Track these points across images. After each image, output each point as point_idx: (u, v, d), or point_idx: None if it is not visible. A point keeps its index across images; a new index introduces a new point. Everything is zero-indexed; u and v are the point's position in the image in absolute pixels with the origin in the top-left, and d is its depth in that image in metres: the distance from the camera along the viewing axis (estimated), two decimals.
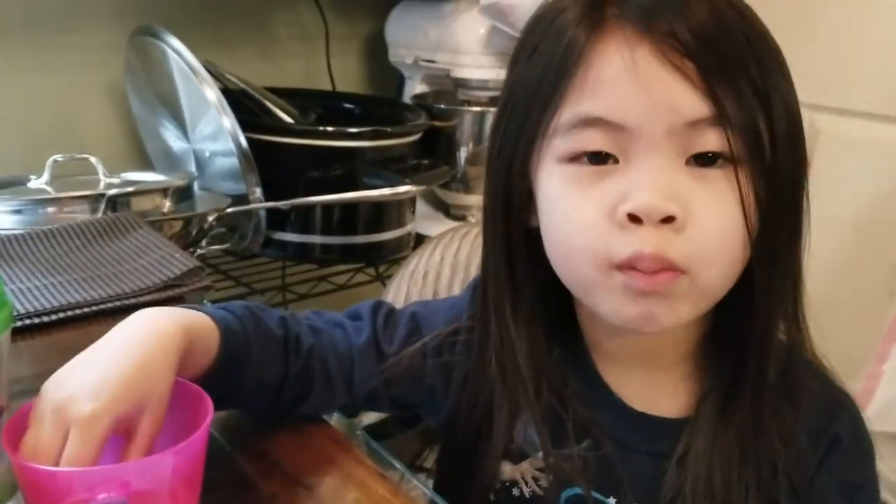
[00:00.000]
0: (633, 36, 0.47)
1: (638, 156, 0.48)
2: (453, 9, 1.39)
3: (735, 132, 0.47)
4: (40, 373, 0.64)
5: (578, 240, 0.50)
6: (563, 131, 0.50)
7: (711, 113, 0.47)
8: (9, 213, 0.95)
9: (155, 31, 1.16)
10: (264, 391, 0.57)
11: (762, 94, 0.48)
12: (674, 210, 0.47)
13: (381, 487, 0.54)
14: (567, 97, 0.49)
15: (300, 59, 1.53)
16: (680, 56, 0.46)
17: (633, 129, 0.48)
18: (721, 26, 0.47)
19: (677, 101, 0.47)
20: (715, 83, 0.46)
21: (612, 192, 0.48)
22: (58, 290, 0.77)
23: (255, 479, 0.54)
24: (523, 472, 0.59)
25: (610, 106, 0.48)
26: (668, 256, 0.47)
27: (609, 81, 0.48)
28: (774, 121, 0.48)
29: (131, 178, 1.08)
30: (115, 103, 1.33)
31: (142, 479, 0.43)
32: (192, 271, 0.82)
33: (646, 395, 0.58)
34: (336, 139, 1.19)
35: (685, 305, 0.50)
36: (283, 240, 1.22)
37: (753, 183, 0.48)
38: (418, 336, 0.62)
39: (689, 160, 0.48)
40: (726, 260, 0.49)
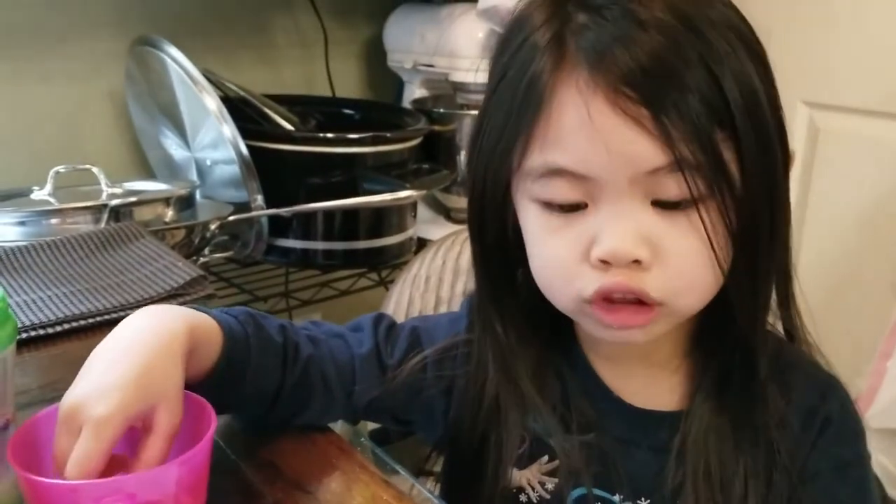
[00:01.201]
0: (586, 85, 0.48)
1: (605, 201, 0.50)
2: (450, 13, 1.40)
3: (695, 175, 0.48)
4: (45, 384, 0.65)
5: (553, 278, 0.54)
6: (534, 177, 0.52)
7: (669, 160, 0.47)
8: (12, 224, 0.96)
9: (154, 41, 1.17)
10: (261, 397, 0.57)
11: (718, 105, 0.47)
12: (640, 254, 0.49)
13: (386, 493, 0.54)
14: (534, 142, 0.51)
15: (299, 66, 1.54)
16: (633, 104, 0.47)
17: (596, 179, 0.49)
18: (674, 52, 0.47)
19: (635, 152, 0.48)
20: (670, 126, 0.46)
21: (583, 235, 0.51)
22: (62, 301, 0.78)
23: (260, 487, 0.54)
24: (530, 477, 0.60)
25: (573, 158, 0.49)
26: (642, 287, 0.50)
27: (569, 132, 0.49)
28: (742, 147, 0.49)
29: (133, 187, 1.09)
30: (116, 113, 1.33)
31: (147, 489, 0.43)
32: (195, 280, 0.82)
33: (644, 391, 0.60)
34: (336, 145, 1.20)
35: (660, 327, 0.53)
36: (285, 246, 1.22)
37: (722, 214, 0.49)
38: (419, 349, 0.63)
39: (656, 202, 0.50)
40: (699, 290, 0.52)
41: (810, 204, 1.42)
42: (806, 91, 1.40)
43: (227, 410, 0.57)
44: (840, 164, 1.38)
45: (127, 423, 0.45)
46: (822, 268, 1.43)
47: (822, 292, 1.42)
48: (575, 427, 0.58)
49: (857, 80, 1.34)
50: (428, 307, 1.03)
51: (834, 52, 1.35)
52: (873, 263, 1.36)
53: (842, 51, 1.35)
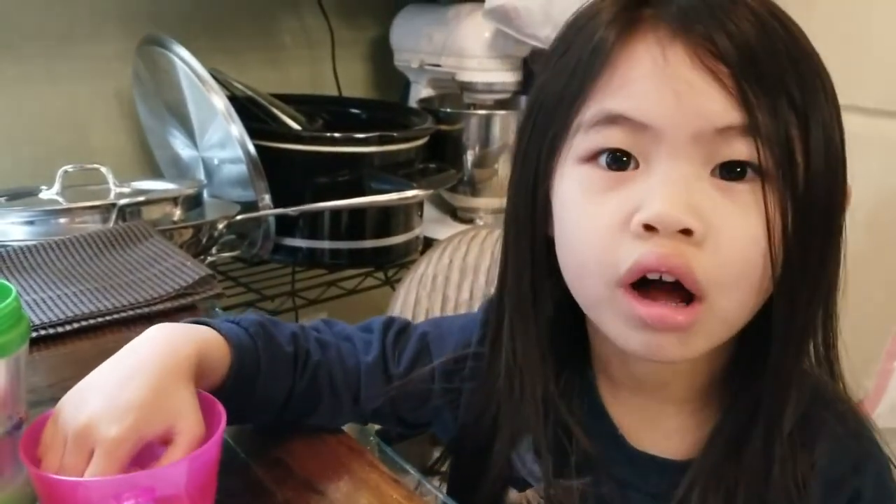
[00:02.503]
0: (666, 35, 0.44)
1: (660, 161, 0.45)
2: (457, 12, 1.40)
3: (766, 145, 0.44)
4: (55, 383, 0.66)
5: (588, 250, 0.47)
6: (586, 128, 0.47)
7: (743, 121, 0.44)
8: (21, 224, 0.96)
9: (162, 40, 1.17)
10: (269, 407, 0.57)
11: (800, 112, 0.45)
12: (691, 223, 0.43)
13: (395, 492, 0.54)
14: (593, 95, 0.46)
15: (306, 65, 1.54)
16: (714, 59, 0.43)
17: (657, 130, 0.45)
18: (763, 37, 0.44)
19: (707, 105, 0.44)
20: (749, 91, 0.43)
21: (628, 201, 0.45)
22: (71, 300, 0.78)
23: (270, 486, 0.54)
24: (528, 498, 0.58)
25: (635, 104, 0.45)
26: (687, 263, 0.44)
27: (636, 79, 0.45)
28: (811, 141, 0.45)
29: (141, 186, 1.09)
30: (123, 112, 1.34)
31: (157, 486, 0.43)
32: (203, 279, 0.82)
33: (651, 431, 0.55)
34: (343, 145, 1.20)
35: (699, 338, 0.46)
36: (292, 245, 1.22)
37: (782, 204, 0.45)
38: (426, 357, 0.61)
39: (715, 171, 0.45)
40: (747, 283, 0.45)
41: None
42: None
43: (235, 421, 0.57)
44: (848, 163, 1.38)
45: (140, 444, 0.45)
46: None
47: None
48: (573, 464, 0.54)
49: (864, 80, 1.34)
50: (435, 306, 1.03)
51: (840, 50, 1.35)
52: (880, 263, 1.36)
53: (849, 50, 1.34)
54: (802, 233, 0.46)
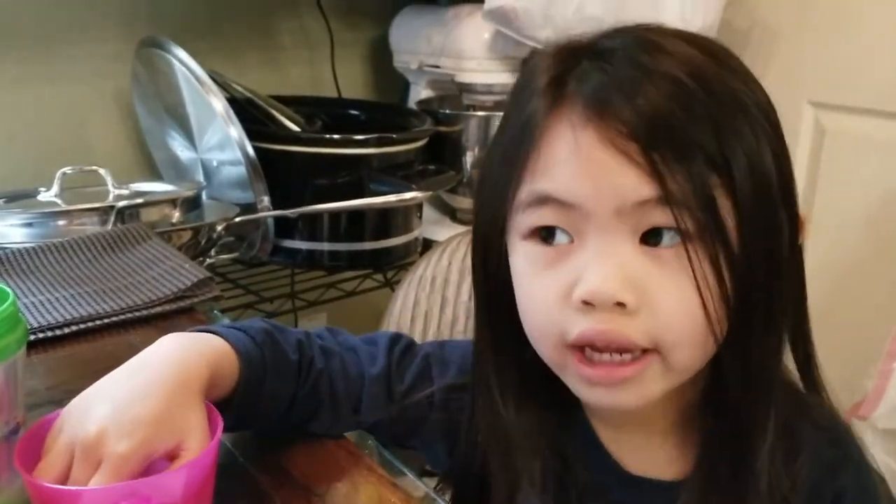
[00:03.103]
0: (579, 120, 0.47)
1: (590, 235, 0.48)
2: (456, 13, 1.40)
3: (683, 212, 0.46)
4: (53, 386, 0.66)
5: (537, 320, 0.51)
6: (523, 208, 0.51)
7: (657, 194, 0.46)
8: (20, 226, 0.96)
9: (161, 42, 1.17)
10: (271, 414, 0.57)
11: (720, 165, 0.47)
12: (624, 297, 0.46)
13: (394, 496, 0.54)
14: (524, 176, 0.50)
15: (305, 67, 1.54)
16: (624, 139, 0.46)
17: (583, 209, 0.48)
18: (675, 103, 0.46)
19: (621, 183, 0.46)
20: (659, 163, 0.46)
21: (567, 274, 0.49)
22: (70, 302, 0.78)
23: (269, 490, 0.54)
24: None
25: (559, 185, 0.48)
26: (624, 334, 0.47)
27: (557, 162, 0.48)
28: (738, 191, 0.47)
29: (140, 188, 1.09)
30: (122, 114, 1.34)
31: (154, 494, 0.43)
32: (202, 282, 0.82)
33: (643, 458, 0.57)
34: (342, 146, 1.20)
35: (652, 386, 0.50)
36: (291, 247, 1.22)
37: (712, 260, 0.47)
38: (428, 380, 0.62)
39: (643, 238, 0.48)
40: (690, 339, 0.48)
41: (816, 204, 1.42)
42: (812, 91, 1.39)
43: (241, 428, 0.57)
44: (846, 165, 1.38)
45: (148, 459, 0.45)
46: (828, 268, 1.42)
47: (828, 293, 1.42)
48: (574, 496, 0.56)
49: (864, 81, 1.34)
50: (434, 308, 1.03)
51: (841, 52, 1.35)
52: (880, 263, 1.36)
53: (849, 51, 1.34)
54: (746, 278, 0.48)
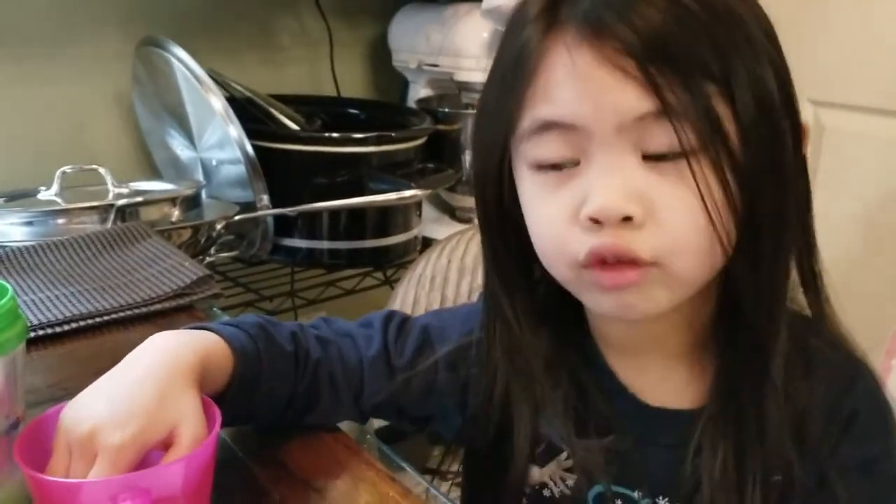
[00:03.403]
0: (573, 40, 0.48)
1: (595, 154, 0.49)
2: (455, 12, 1.40)
3: (684, 124, 0.47)
4: (53, 383, 0.66)
5: (548, 243, 0.52)
6: (527, 137, 0.51)
7: (655, 107, 0.46)
8: (20, 224, 0.96)
9: (160, 41, 1.17)
10: (272, 407, 0.57)
11: (720, 79, 0.47)
12: (630, 210, 0.47)
13: (392, 490, 0.55)
14: (524, 104, 0.50)
15: (304, 66, 1.54)
16: (619, 55, 0.46)
17: (585, 129, 0.48)
18: (671, 19, 0.47)
19: (619, 99, 0.47)
20: (657, 76, 0.46)
21: (574, 195, 0.49)
22: (70, 300, 0.78)
23: (267, 485, 0.54)
24: (551, 473, 0.60)
25: (559, 109, 0.49)
26: (631, 248, 0.48)
27: (556, 85, 0.49)
28: (738, 102, 0.48)
29: (140, 187, 1.09)
30: (122, 113, 1.34)
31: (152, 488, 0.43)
32: (201, 279, 0.83)
33: (659, 387, 0.58)
34: (342, 145, 1.20)
35: (661, 293, 0.50)
36: (290, 246, 1.23)
37: (717, 173, 0.48)
38: (429, 349, 0.62)
39: (646, 155, 0.48)
40: (695, 251, 0.49)
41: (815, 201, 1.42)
42: (812, 89, 1.39)
43: (239, 422, 0.58)
44: (846, 163, 1.38)
45: (144, 450, 0.45)
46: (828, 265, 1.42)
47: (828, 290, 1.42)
48: (592, 427, 0.57)
49: (864, 79, 1.34)
50: (433, 306, 1.03)
51: (840, 50, 1.35)
52: (879, 261, 1.36)
53: (848, 49, 1.34)
54: (751, 189, 0.49)
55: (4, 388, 0.46)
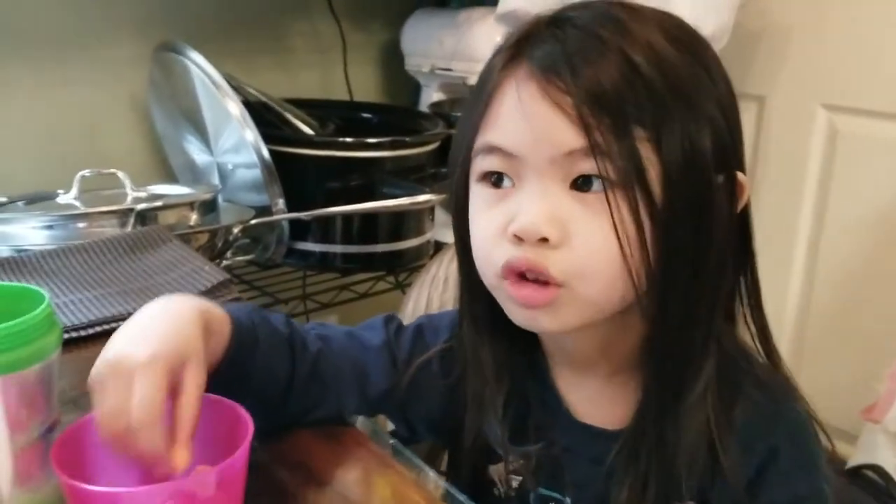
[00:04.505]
0: (524, 76, 0.53)
1: (528, 180, 0.54)
2: (468, 17, 1.41)
3: (607, 160, 0.51)
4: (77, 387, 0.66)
5: (479, 251, 0.57)
6: (477, 155, 0.56)
7: (584, 144, 0.51)
8: (41, 228, 0.97)
9: (178, 46, 1.18)
10: (273, 384, 0.60)
11: (651, 130, 0.51)
12: (547, 232, 0.52)
13: (411, 491, 0.56)
14: (480, 128, 0.56)
15: (317, 70, 1.55)
16: (560, 93, 0.51)
17: (522, 157, 0.53)
18: (615, 71, 0.51)
19: (555, 134, 0.52)
20: (589, 117, 0.50)
21: (505, 213, 0.54)
22: (93, 304, 0.79)
23: (292, 488, 0.55)
24: (499, 474, 0.65)
25: (503, 136, 0.54)
26: (543, 265, 0.53)
27: (502, 115, 0.54)
28: (664, 157, 0.52)
29: (157, 191, 1.10)
30: (138, 117, 1.35)
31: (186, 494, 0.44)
32: (221, 284, 0.83)
33: (591, 406, 0.63)
34: (356, 150, 1.21)
35: (568, 313, 0.55)
36: (304, 249, 1.24)
37: (632, 210, 0.52)
38: (423, 346, 0.67)
39: (573, 184, 0.53)
40: (603, 278, 0.53)
41: (829, 206, 1.42)
42: (825, 94, 1.40)
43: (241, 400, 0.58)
44: (859, 167, 1.38)
45: (169, 370, 0.47)
46: (841, 270, 1.43)
47: (841, 294, 1.42)
48: (531, 433, 0.62)
49: (877, 83, 1.34)
50: (447, 307, 1.04)
51: (853, 54, 1.36)
52: (892, 265, 1.36)
53: (861, 54, 1.35)
54: (667, 232, 0.53)
55: (41, 394, 0.47)
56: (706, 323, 0.56)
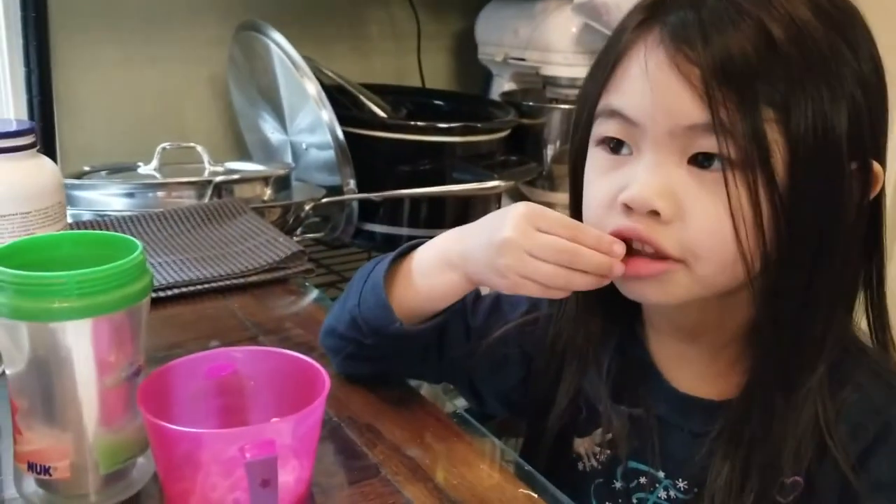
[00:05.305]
0: (654, 42, 0.52)
1: (645, 149, 0.53)
2: (544, 7, 1.40)
3: (730, 139, 0.49)
4: (159, 345, 0.69)
5: (590, 216, 0.57)
6: (599, 118, 0.56)
7: (707, 120, 0.49)
8: (122, 196, 1.01)
9: (259, 26, 1.21)
10: None
11: (781, 110, 0.49)
12: (658, 205, 0.51)
13: (478, 460, 0.57)
14: (605, 90, 0.55)
15: (391, 56, 1.57)
16: (689, 64, 0.50)
17: (641, 125, 0.52)
18: (748, 44, 0.49)
19: (677, 105, 0.50)
20: (715, 91, 0.49)
21: (619, 180, 0.54)
22: (172, 268, 0.82)
23: (363, 448, 0.56)
24: (587, 446, 0.64)
25: (625, 101, 0.53)
26: (654, 239, 0.52)
27: (627, 80, 0.53)
28: (792, 138, 0.50)
29: (233, 167, 1.14)
30: (217, 95, 1.39)
31: (263, 442, 0.45)
32: (295, 255, 0.86)
33: (692, 376, 0.61)
34: (427, 134, 1.22)
35: (676, 289, 0.53)
36: (371, 230, 1.25)
37: (751, 191, 0.50)
38: (500, 315, 0.67)
39: (691, 160, 0.52)
40: (718, 256, 0.52)
41: None
42: None
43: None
44: None
45: None
46: None
47: None
48: (626, 399, 0.61)
49: None
50: None
51: None
52: None
53: None
54: (789, 217, 0.51)
55: (129, 338, 0.49)
56: (824, 315, 0.54)
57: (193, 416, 0.51)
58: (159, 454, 0.47)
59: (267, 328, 0.75)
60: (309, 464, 0.49)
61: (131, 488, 0.51)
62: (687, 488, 0.58)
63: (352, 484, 0.53)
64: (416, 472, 0.54)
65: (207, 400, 0.52)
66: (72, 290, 0.46)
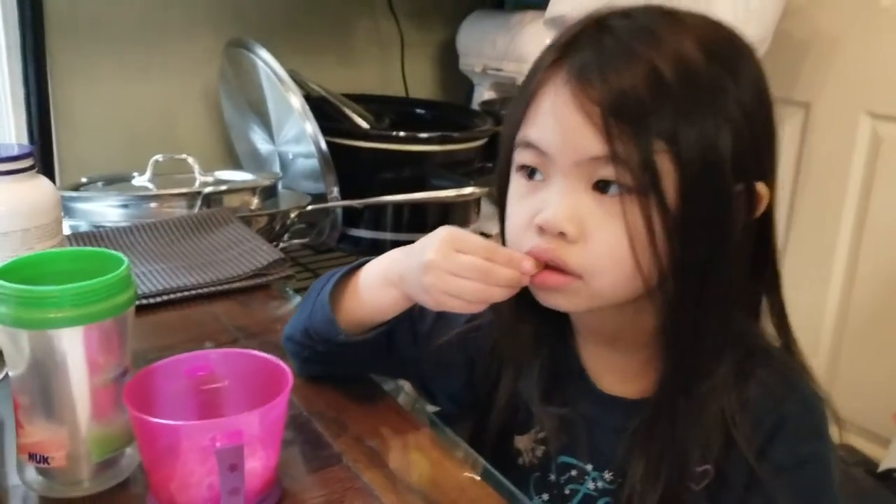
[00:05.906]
0: (562, 82, 0.57)
1: (555, 177, 0.59)
2: (521, 19, 1.46)
3: (625, 168, 0.55)
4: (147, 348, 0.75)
5: (510, 237, 0.63)
6: (518, 147, 0.62)
7: (606, 152, 0.55)
8: (117, 207, 1.08)
9: (247, 43, 1.27)
10: None
11: (671, 142, 0.55)
12: (566, 228, 0.57)
13: (436, 451, 0.63)
14: (523, 121, 0.61)
15: (376, 66, 1.63)
16: (590, 102, 0.56)
17: (552, 156, 0.58)
18: (640, 82, 0.55)
19: (581, 140, 0.56)
20: (613, 127, 0.55)
21: (535, 204, 0.60)
22: (161, 275, 0.88)
23: (327, 439, 0.63)
24: (525, 443, 0.69)
25: (539, 135, 0.59)
26: (560, 257, 0.58)
27: (542, 114, 0.59)
28: (682, 166, 0.55)
29: (223, 176, 1.20)
30: (209, 108, 1.45)
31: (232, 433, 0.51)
32: (276, 262, 0.92)
33: (615, 375, 0.67)
34: (407, 143, 1.28)
35: (579, 299, 0.60)
36: (356, 236, 1.31)
37: (644, 215, 0.56)
38: (445, 319, 0.71)
39: (594, 186, 0.57)
40: (618, 271, 0.58)
41: (870, 211, 1.44)
42: (870, 102, 1.41)
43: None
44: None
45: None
46: (882, 276, 1.44)
47: (882, 300, 1.44)
48: (556, 400, 0.67)
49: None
50: None
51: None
52: None
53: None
54: (680, 236, 0.57)
55: (116, 343, 0.56)
56: (720, 322, 0.60)
57: (174, 412, 0.57)
58: (144, 445, 0.54)
59: (249, 332, 0.81)
60: (275, 452, 0.55)
61: (120, 475, 0.58)
62: (612, 479, 0.65)
63: (316, 471, 0.59)
64: (374, 459, 0.61)
65: (187, 397, 0.58)
66: (66, 302, 0.52)
